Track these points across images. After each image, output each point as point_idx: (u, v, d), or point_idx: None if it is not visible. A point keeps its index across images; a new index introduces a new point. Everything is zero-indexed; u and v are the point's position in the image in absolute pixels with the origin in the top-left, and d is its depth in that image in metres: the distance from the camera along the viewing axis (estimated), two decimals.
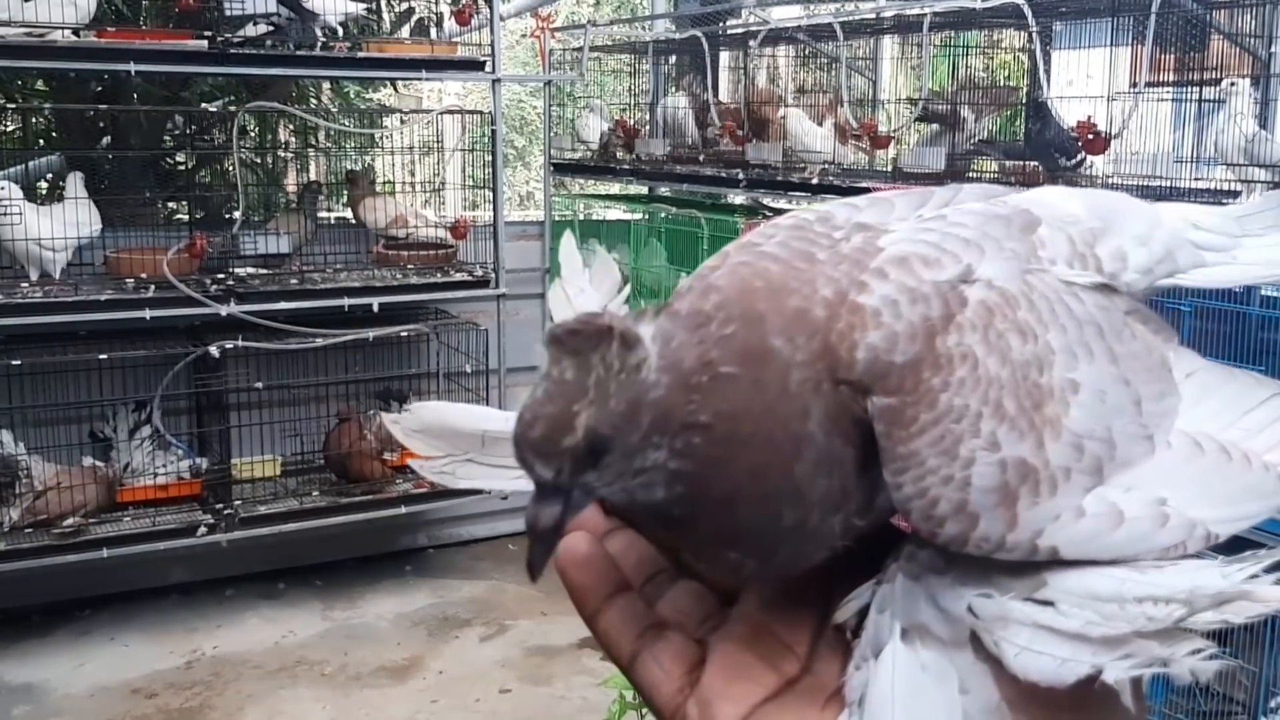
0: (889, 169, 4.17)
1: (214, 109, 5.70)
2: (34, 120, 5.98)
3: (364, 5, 4.45)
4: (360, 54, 4.66)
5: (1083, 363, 0.49)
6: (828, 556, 0.48)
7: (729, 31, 4.96)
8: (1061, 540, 0.45)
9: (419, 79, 5.41)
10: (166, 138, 6.13)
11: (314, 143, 6.37)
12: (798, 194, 4.19)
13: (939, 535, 0.45)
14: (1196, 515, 0.47)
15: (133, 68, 4.05)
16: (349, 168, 5.90)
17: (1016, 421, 0.46)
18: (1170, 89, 3.61)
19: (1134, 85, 3.40)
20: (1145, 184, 3.35)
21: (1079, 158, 3.37)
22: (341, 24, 4.43)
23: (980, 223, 0.52)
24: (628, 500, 0.47)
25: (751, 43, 4.70)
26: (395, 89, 6.83)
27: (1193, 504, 0.47)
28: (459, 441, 0.60)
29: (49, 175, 5.58)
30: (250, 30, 4.24)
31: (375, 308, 4.44)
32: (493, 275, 4.70)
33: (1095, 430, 0.47)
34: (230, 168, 4.98)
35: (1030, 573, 0.45)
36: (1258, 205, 0.63)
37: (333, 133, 6.03)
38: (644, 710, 2.99)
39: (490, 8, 4.76)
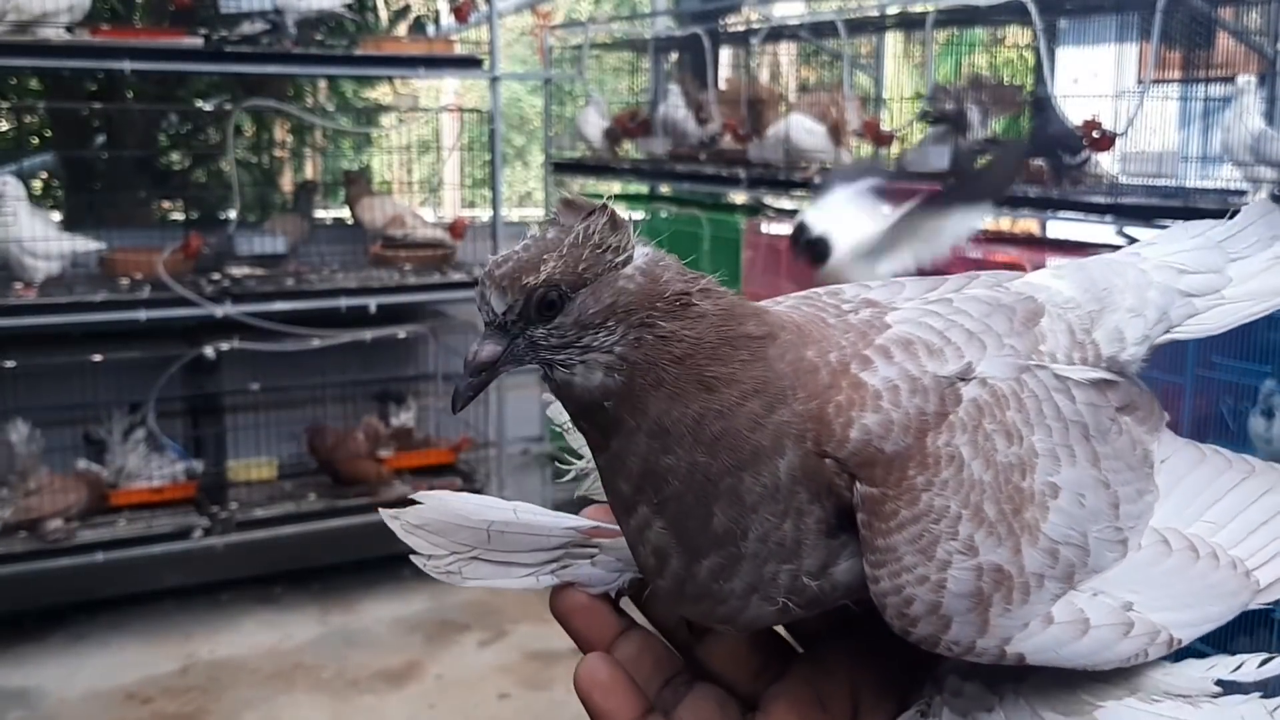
0: (892, 168, 4.13)
1: (209, 107, 5.65)
2: (27, 119, 5.93)
3: (342, 2, 4.40)
4: (357, 52, 4.62)
5: (1065, 466, 0.50)
6: (777, 614, 0.48)
7: (730, 28, 4.92)
8: (1028, 648, 0.46)
9: (416, 77, 5.37)
10: (161, 137, 6.09)
11: (310, 142, 6.33)
12: (799, 193, 4.15)
13: (911, 634, 0.45)
14: (1160, 620, 0.48)
15: (127, 65, 4.00)
16: (346, 167, 5.86)
17: (995, 527, 0.47)
18: (1176, 86, 3.58)
19: (1140, 82, 3.37)
20: (1151, 182, 3.32)
21: (1084, 155, 3.34)
22: (313, 20, 4.36)
23: (985, 313, 0.53)
24: (565, 380, 0.47)
25: (753, 40, 4.67)
26: (393, 87, 6.79)
27: (1158, 608, 0.48)
28: (463, 536, 0.57)
29: (42, 174, 5.55)
30: (246, 28, 4.20)
31: (373, 308, 4.41)
32: None
33: (1071, 536, 0.48)
34: (226, 167, 4.94)
35: (1078, 712, 0.47)
36: (1238, 223, 0.63)
37: (329, 131, 5.99)
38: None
39: (489, 4, 4.71)
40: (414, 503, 0.58)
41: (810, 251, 2.79)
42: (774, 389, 0.47)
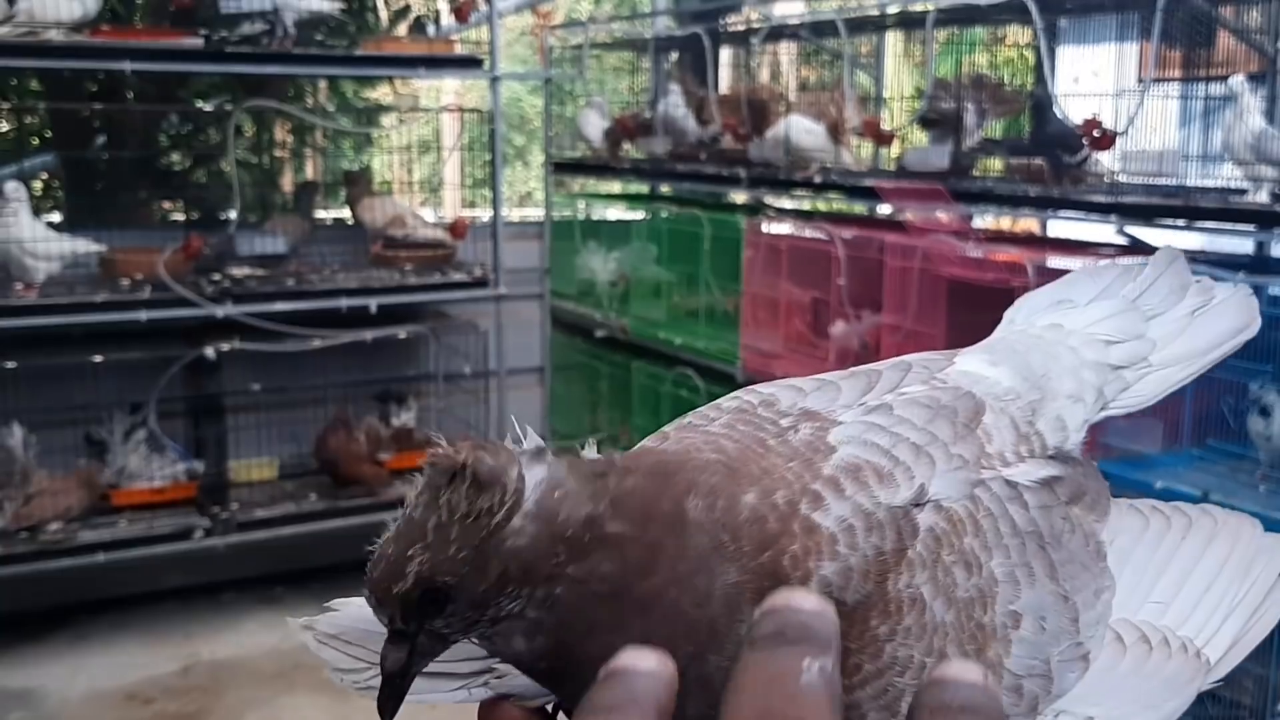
0: (892, 167, 4.13)
1: (210, 108, 5.65)
2: (28, 119, 5.93)
3: (336, 7, 4.40)
4: (357, 52, 4.62)
5: (1024, 588, 0.48)
6: None
7: (730, 28, 4.92)
8: None
9: (417, 77, 5.37)
10: (162, 137, 6.08)
11: (311, 142, 6.33)
12: (800, 192, 4.15)
13: None
14: None
15: (128, 66, 4.00)
16: (346, 167, 5.86)
17: None
18: (1177, 85, 3.58)
19: (1140, 81, 3.37)
20: (1152, 181, 3.31)
21: (1084, 154, 3.34)
22: (311, 21, 4.36)
23: (927, 419, 0.51)
24: (489, 648, 0.44)
25: (753, 39, 4.67)
26: (393, 87, 6.79)
27: (1118, 717, 0.49)
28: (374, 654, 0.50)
29: (43, 175, 5.55)
30: (246, 28, 4.20)
31: (373, 308, 4.40)
32: (492, 276, 4.66)
33: (1034, 666, 0.48)
34: (226, 167, 4.93)
35: None
36: (1148, 276, 0.62)
37: (330, 132, 5.99)
38: None
39: (489, 4, 4.71)
40: (329, 608, 0.52)
41: None
42: (713, 556, 0.43)
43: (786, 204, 4.47)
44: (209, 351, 4.14)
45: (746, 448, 0.47)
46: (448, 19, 5.19)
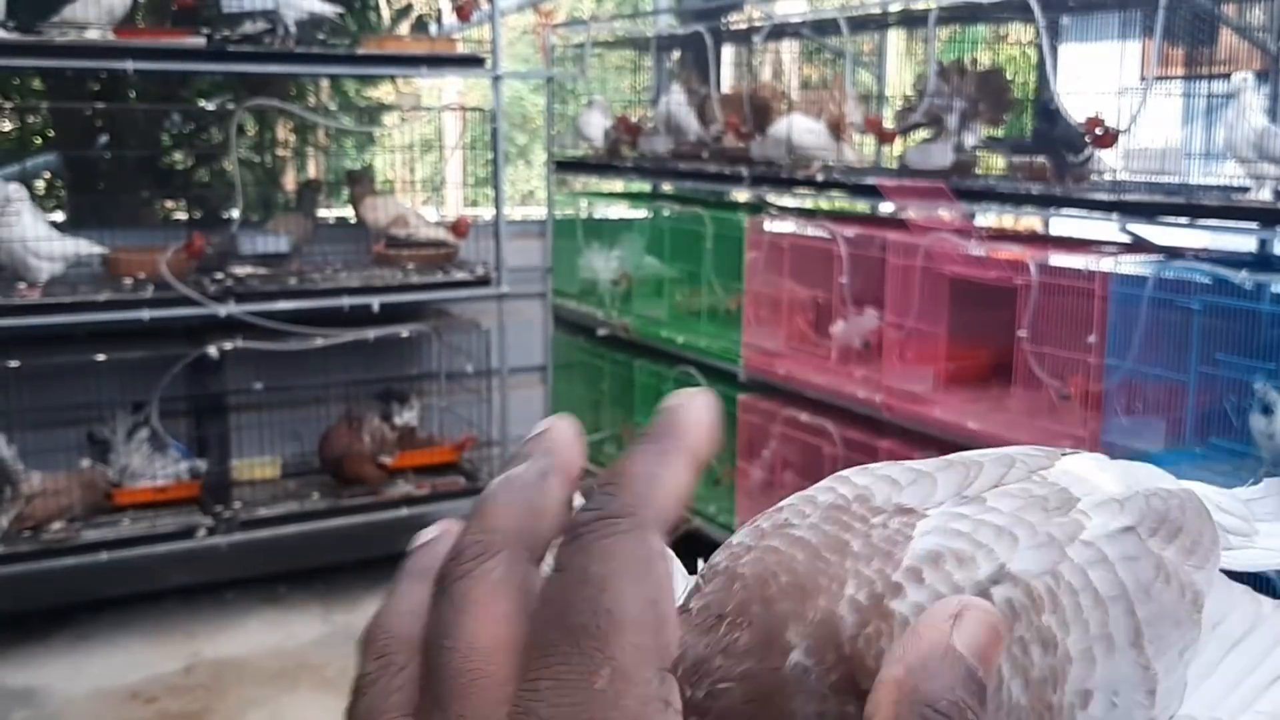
0: (895, 165, 4.13)
1: (212, 107, 5.66)
2: (31, 119, 5.94)
3: (334, 9, 4.41)
4: (359, 51, 4.62)
5: (1100, 662, 0.47)
6: None
7: (732, 26, 4.92)
8: None
9: (419, 76, 5.38)
10: (164, 136, 6.09)
11: (313, 141, 6.33)
12: (802, 191, 4.15)
13: None
14: None
15: (130, 66, 4.01)
16: (349, 166, 5.86)
17: None
18: (1179, 83, 3.58)
19: (1143, 79, 3.36)
20: (1154, 179, 3.31)
21: (1086, 153, 3.34)
22: (311, 21, 4.36)
23: (1017, 507, 0.50)
24: None
25: (755, 37, 4.67)
26: (395, 86, 6.79)
27: None
28: None
29: (46, 174, 5.56)
30: (248, 27, 4.21)
31: (375, 307, 4.41)
32: (494, 274, 4.66)
33: None
34: (229, 166, 4.94)
35: None
36: (1259, 491, 0.61)
37: (332, 131, 5.99)
38: None
39: (491, 3, 4.71)
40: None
41: None
42: (784, 694, 0.42)
43: (788, 202, 4.47)
44: (211, 350, 4.15)
45: (826, 542, 0.47)
46: (449, 18, 5.19)
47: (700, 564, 0.46)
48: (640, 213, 5.10)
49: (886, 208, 4.04)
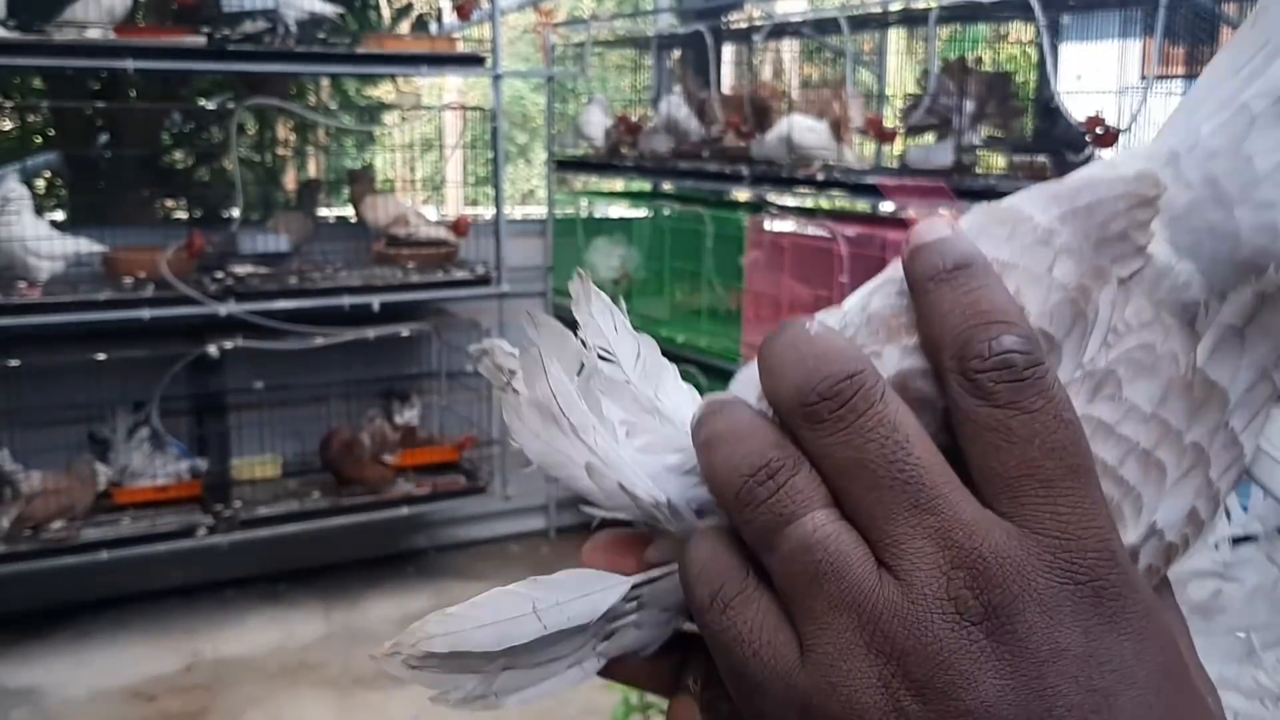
0: (895, 165, 4.13)
1: (212, 106, 5.66)
2: (31, 118, 5.94)
3: (334, 8, 4.41)
4: (360, 50, 4.62)
5: None
6: None
7: (733, 25, 4.92)
8: None
9: (419, 75, 5.38)
10: (165, 135, 6.09)
11: (313, 140, 6.33)
12: (803, 190, 4.15)
13: None
14: None
15: (131, 65, 4.01)
16: (349, 165, 5.87)
17: None
18: (1180, 82, 3.58)
19: (1144, 78, 3.36)
20: None
21: (1087, 152, 3.34)
22: (311, 21, 4.37)
23: (1158, 397, 0.39)
24: None
25: (755, 37, 4.67)
26: (395, 85, 6.79)
27: None
28: (479, 662, 0.42)
29: (46, 174, 5.56)
30: (248, 27, 4.21)
31: (376, 307, 4.41)
32: (494, 273, 4.66)
33: None
34: (229, 165, 4.94)
35: None
36: None
37: (332, 130, 5.99)
38: (648, 712, 2.96)
39: (491, 2, 4.71)
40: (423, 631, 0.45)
41: None
42: None
43: (789, 202, 4.47)
44: (212, 349, 4.15)
45: None
46: (450, 17, 5.19)
47: None
48: (641, 212, 5.10)
49: (887, 207, 4.04)
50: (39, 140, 5.98)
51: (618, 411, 0.41)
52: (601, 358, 0.43)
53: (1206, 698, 0.33)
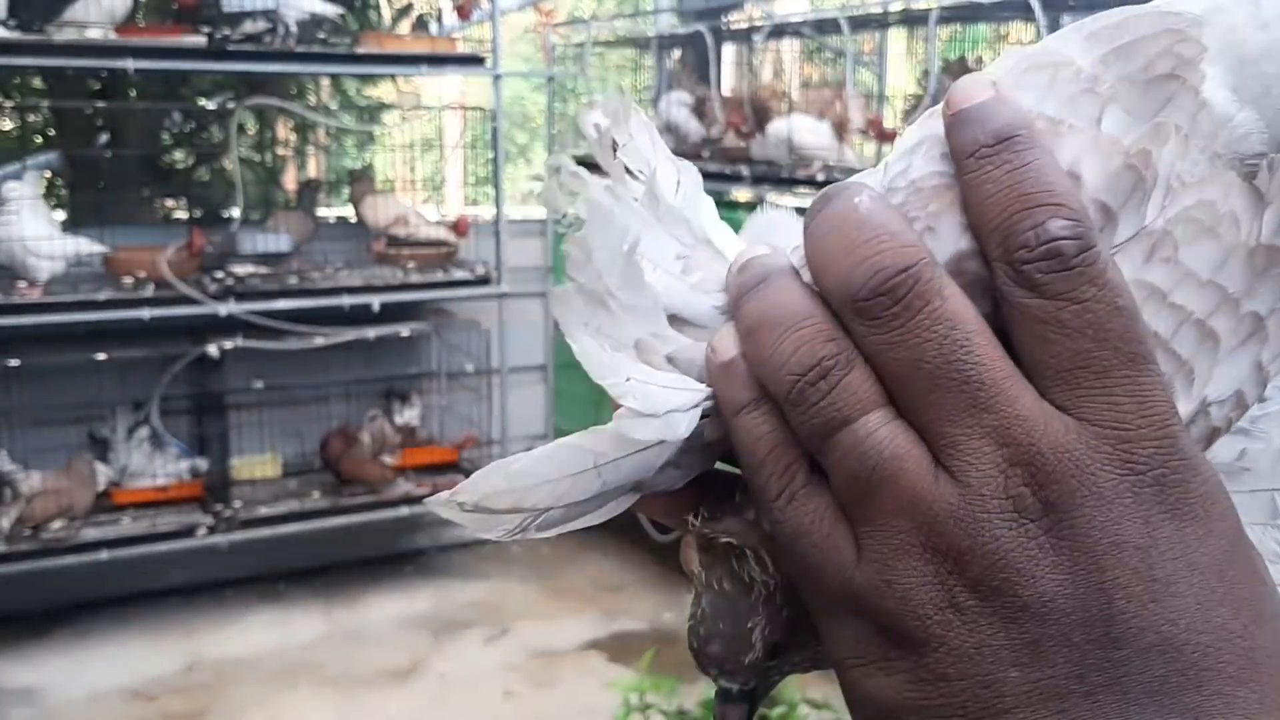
0: None
1: (212, 106, 5.65)
2: (31, 118, 5.94)
3: (334, 8, 4.41)
4: (360, 50, 4.62)
5: None
6: None
7: (733, 25, 4.92)
8: None
9: (419, 74, 5.37)
10: (165, 135, 6.09)
11: (313, 140, 6.33)
12: (803, 190, 4.15)
13: None
14: None
15: (131, 64, 4.01)
16: (349, 165, 5.86)
17: None
18: None
19: None
20: None
21: None
22: (311, 21, 4.37)
23: (1216, 264, 0.38)
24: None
25: (756, 37, 4.66)
26: (395, 85, 6.79)
27: None
28: (529, 512, 0.40)
29: (47, 173, 5.55)
30: (249, 26, 4.21)
31: (376, 306, 4.40)
32: (494, 273, 4.66)
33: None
34: (229, 165, 4.94)
35: None
36: None
37: (332, 130, 5.99)
38: (647, 712, 2.95)
39: (491, 1, 4.71)
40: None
41: None
42: None
43: (789, 202, 4.47)
44: (212, 349, 4.15)
45: None
46: (450, 17, 5.19)
47: None
48: None
49: None
50: (39, 140, 5.98)
51: (670, 243, 0.40)
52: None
53: (1266, 575, 0.33)
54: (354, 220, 4.94)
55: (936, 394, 0.31)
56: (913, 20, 4.27)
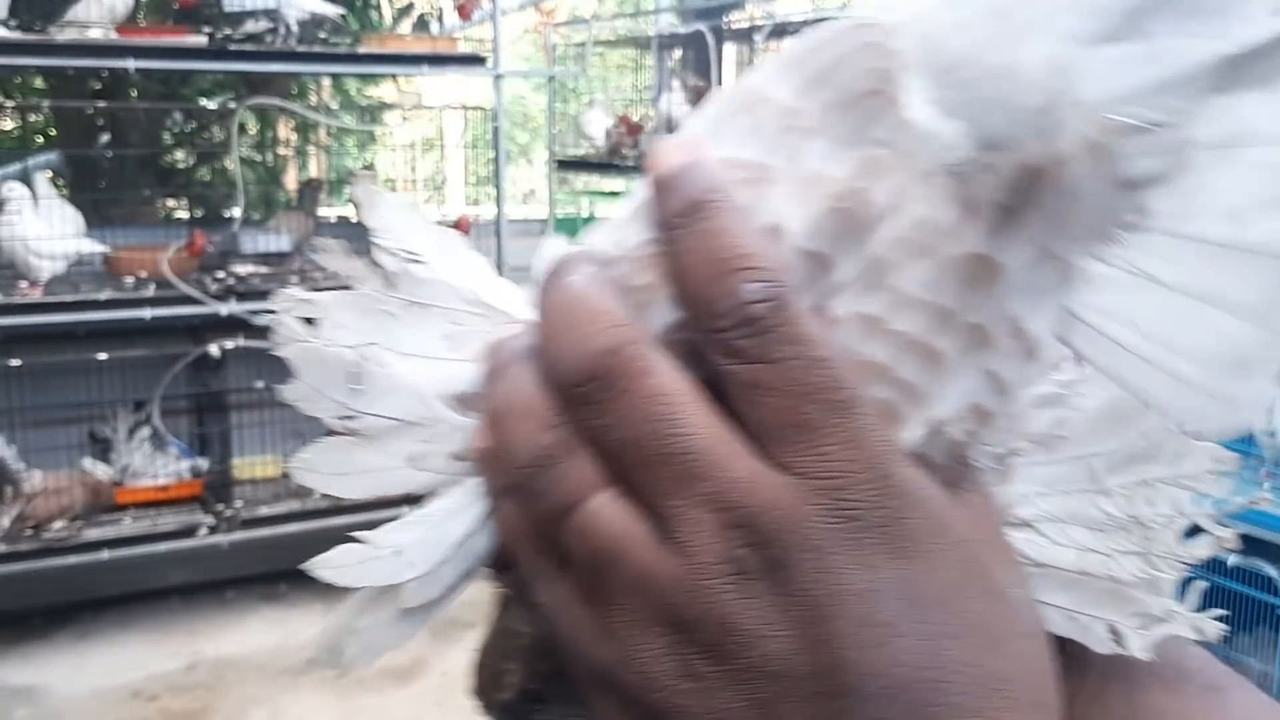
0: None
1: (213, 106, 5.66)
2: (32, 118, 5.94)
3: (335, 8, 4.42)
4: (360, 49, 4.62)
5: None
6: None
7: (734, 25, 4.92)
8: None
9: (420, 74, 5.38)
10: (166, 135, 6.09)
11: (314, 140, 6.33)
12: None
13: None
14: None
15: (132, 64, 4.01)
16: (350, 165, 5.86)
17: None
18: None
19: None
20: None
21: None
22: (312, 21, 4.37)
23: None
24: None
25: (757, 36, 4.67)
26: (396, 85, 6.79)
27: None
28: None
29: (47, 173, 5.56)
30: (250, 26, 4.21)
31: None
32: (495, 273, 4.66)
33: None
34: (230, 165, 4.94)
35: None
36: None
37: (333, 130, 5.99)
38: None
39: (492, 1, 4.71)
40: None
41: None
42: None
43: None
44: (213, 349, 4.15)
45: None
46: (451, 16, 5.19)
47: None
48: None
49: None
50: (40, 140, 5.98)
51: (435, 324, 0.39)
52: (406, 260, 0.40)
53: (1011, 593, 0.32)
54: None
55: (653, 470, 0.31)
56: None
